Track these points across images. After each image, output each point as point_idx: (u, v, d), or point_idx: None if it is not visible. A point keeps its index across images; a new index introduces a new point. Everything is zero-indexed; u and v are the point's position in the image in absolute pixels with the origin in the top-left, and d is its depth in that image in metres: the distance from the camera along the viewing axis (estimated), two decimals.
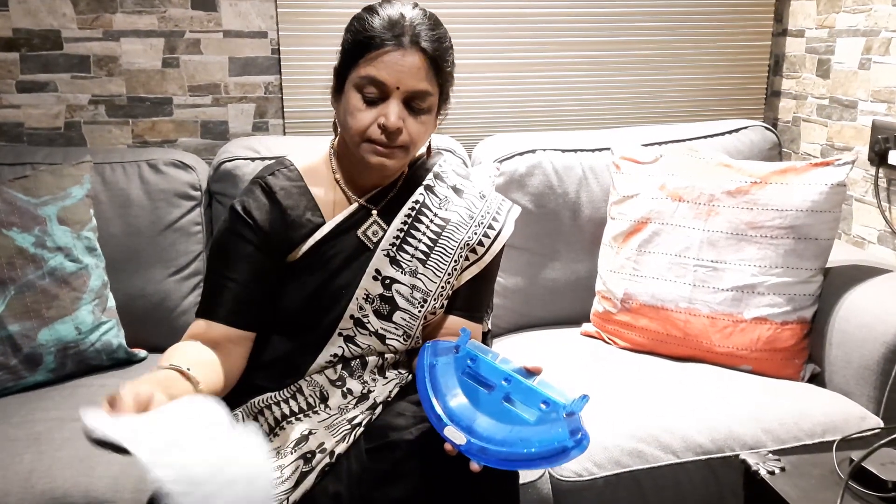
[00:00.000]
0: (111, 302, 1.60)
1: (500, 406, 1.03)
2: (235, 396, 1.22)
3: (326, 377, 1.20)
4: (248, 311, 1.18)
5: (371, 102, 1.12)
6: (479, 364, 1.08)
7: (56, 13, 1.84)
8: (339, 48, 1.18)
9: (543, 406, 1.01)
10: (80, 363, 1.54)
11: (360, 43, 1.12)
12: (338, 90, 1.17)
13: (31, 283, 1.48)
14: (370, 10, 1.15)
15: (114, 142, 1.94)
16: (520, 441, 0.96)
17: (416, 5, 1.16)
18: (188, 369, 1.03)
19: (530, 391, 1.03)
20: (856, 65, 1.93)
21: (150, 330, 1.69)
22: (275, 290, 1.20)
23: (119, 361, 1.60)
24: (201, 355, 1.12)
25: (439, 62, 1.15)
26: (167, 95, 1.93)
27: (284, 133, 2.00)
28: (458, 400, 1.02)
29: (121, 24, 1.87)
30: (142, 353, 1.65)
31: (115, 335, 1.58)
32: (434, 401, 1.02)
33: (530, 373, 1.06)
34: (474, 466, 0.97)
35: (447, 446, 0.98)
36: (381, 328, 1.21)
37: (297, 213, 1.19)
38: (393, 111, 1.11)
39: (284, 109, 1.97)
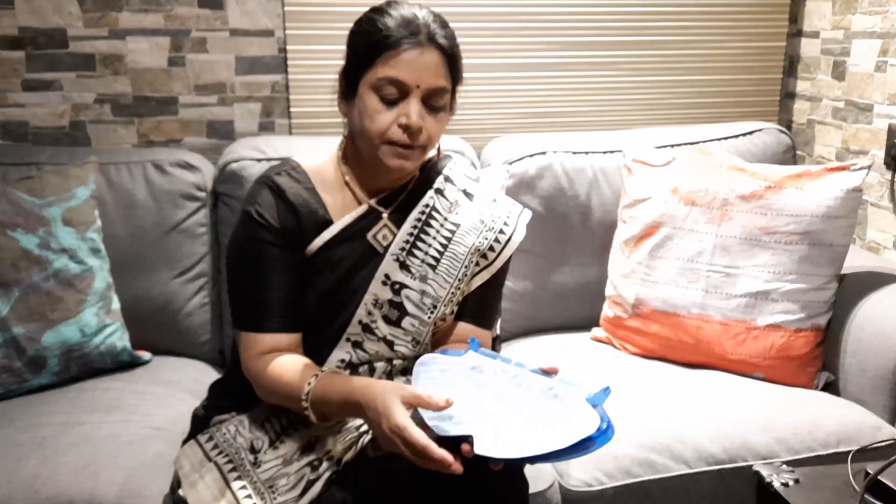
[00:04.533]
0: (116, 304, 1.58)
1: None
2: (241, 402, 1.21)
3: None
4: (299, 312, 1.17)
5: (390, 103, 1.11)
6: None
7: (62, 12, 1.82)
8: (347, 50, 1.16)
9: None
10: (85, 366, 1.52)
11: (375, 44, 1.10)
12: (348, 93, 1.15)
13: (36, 285, 1.47)
14: (378, 11, 1.13)
15: (119, 141, 1.92)
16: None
17: (421, 6, 1.15)
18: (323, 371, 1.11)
19: None
20: (872, 67, 1.90)
21: (155, 332, 1.68)
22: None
23: (123, 364, 1.59)
24: (304, 360, 1.14)
25: (455, 59, 1.15)
26: (173, 95, 1.91)
27: (290, 133, 1.98)
28: None
29: (126, 22, 1.85)
30: (146, 355, 1.63)
31: (119, 338, 1.56)
32: None
33: (546, 373, 1.05)
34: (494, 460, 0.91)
35: (464, 447, 0.92)
36: (390, 334, 1.19)
37: (307, 210, 1.17)
38: (414, 110, 1.10)
39: (291, 109, 1.95)
